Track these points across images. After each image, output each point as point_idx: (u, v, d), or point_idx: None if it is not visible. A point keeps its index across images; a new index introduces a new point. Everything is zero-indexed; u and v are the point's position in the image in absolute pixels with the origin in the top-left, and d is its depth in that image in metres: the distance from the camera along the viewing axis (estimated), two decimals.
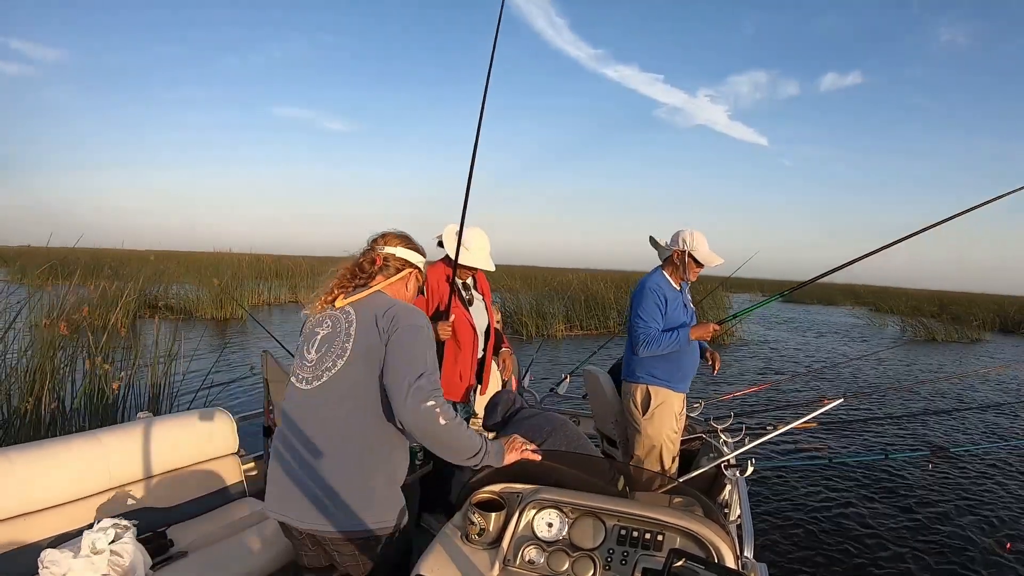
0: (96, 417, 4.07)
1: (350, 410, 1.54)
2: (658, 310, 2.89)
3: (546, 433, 2.27)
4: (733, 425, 3.13)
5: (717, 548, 1.48)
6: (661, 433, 2.95)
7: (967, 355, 14.60)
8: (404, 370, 1.48)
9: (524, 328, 13.57)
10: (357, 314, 1.59)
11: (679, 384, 2.99)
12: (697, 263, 2.96)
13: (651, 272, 3.07)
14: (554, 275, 22.14)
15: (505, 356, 3.31)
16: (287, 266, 21.01)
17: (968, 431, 6.96)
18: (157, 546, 2.01)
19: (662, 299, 2.90)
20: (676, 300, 2.98)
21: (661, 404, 2.95)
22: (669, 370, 2.95)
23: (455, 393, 2.90)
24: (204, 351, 8.11)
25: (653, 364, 2.96)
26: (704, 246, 2.93)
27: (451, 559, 1.55)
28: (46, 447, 2.09)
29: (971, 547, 3.87)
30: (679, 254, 2.96)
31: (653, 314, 2.88)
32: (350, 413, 1.54)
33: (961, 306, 23.14)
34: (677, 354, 2.92)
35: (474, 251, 2.82)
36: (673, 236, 3.01)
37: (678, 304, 2.98)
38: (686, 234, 2.95)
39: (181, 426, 2.52)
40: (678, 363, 2.96)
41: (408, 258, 1.75)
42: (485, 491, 1.75)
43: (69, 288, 5.39)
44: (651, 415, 2.95)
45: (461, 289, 2.91)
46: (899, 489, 4.82)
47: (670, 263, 3.03)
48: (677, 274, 3.02)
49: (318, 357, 1.59)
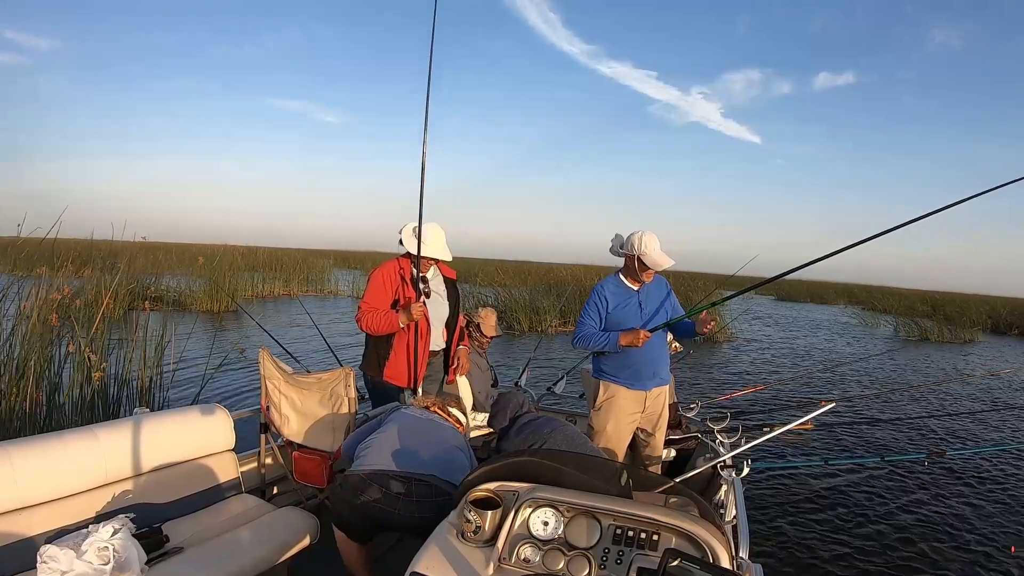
0: (92, 412, 4.05)
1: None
2: (596, 310, 3.07)
3: (545, 435, 2.28)
4: (729, 426, 3.14)
5: (712, 548, 1.48)
6: (605, 427, 3.08)
7: (960, 356, 14.69)
8: None
9: (518, 324, 13.59)
10: None
11: (629, 381, 3.08)
12: (645, 265, 3.01)
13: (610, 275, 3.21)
14: (548, 270, 22.15)
15: (461, 354, 3.45)
16: (280, 258, 20.93)
17: (965, 433, 6.99)
18: (153, 542, 2.00)
19: (603, 301, 3.06)
20: (626, 301, 3.07)
21: (609, 399, 3.10)
22: (615, 367, 3.10)
23: (400, 378, 3.13)
24: (200, 344, 8.09)
25: (602, 360, 3.14)
26: (653, 249, 2.97)
27: (446, 557, 1.55)
28: (42, 442, 2.08)
29: (972, 549, 3.90)
30: (629, 258, 3.05)
31: (590, 313, 3.08)
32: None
33: (954, 306, 23.26)
34: (625, 353, 3.03)
35: (430, 243, 3.09)
36: (627, 239, 3.05)
37: (628, 305, 3.07)
38: (635, 237, 3.00)
39: (177, 422, 2.51)
40: (623, 362, 3.07)
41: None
42: (481, 489, 1.75)
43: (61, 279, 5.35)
44: (599, 408, 3.11)
45: (419, 282, 3.12)
46: (896, 491, 4.85)
47: (625, 266, 3.11)
48: (632, 276, 3.10)
49: None
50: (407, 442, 2.18)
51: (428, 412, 2.41)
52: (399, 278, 3.14)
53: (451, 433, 2.34)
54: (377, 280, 3.18)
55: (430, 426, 2.31)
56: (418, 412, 2.37)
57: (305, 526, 2.39)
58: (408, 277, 3.13)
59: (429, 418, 2.36)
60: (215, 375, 5.38)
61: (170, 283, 13.84)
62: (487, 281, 21.00)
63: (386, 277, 3.16)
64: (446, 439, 2.27)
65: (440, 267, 3.33)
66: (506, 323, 13.34)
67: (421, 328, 3.06)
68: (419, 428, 2.27)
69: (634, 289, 3.08)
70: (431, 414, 2.40)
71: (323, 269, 22.32)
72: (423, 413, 2.38)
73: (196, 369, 5.40)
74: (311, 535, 2.38)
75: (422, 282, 3.17)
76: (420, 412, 2.38)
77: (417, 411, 2.38)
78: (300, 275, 19.96)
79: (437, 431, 2.30)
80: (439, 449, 2.20)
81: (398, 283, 3.14)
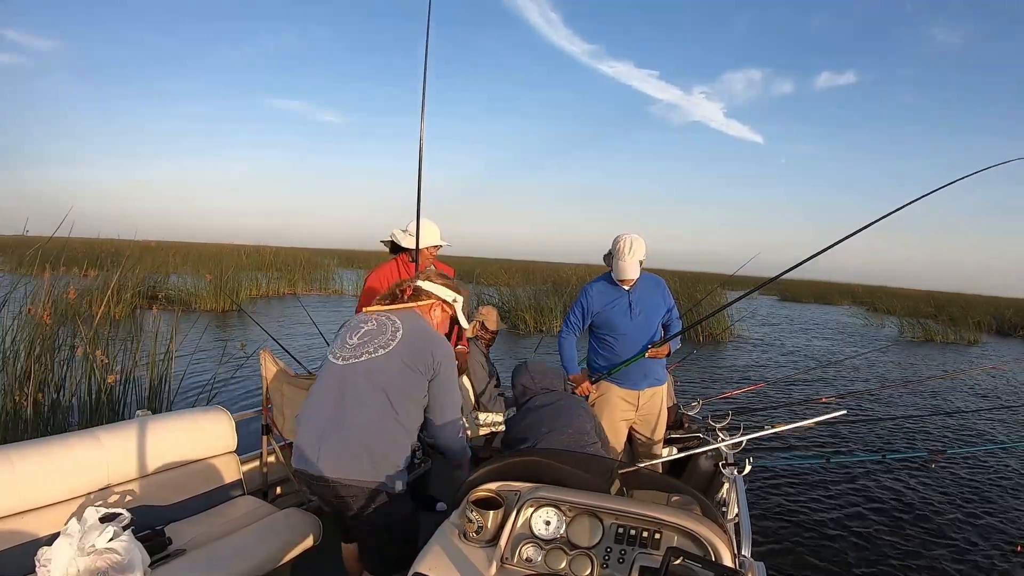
0: (94, 414, 4.06)
1: (383, 387, 1.84)
2: (580, 309, 3.16)
3: (541, 434, 2.28)
4: (731, 424, 3.13)
5: (715, 546, 1.48)
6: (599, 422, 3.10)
7: (964, 356, 14.63)
8: (449, 406, 1.97)
9: (523, 323, 13.60)
10: (403, 324, 1.96)
11: (620, 380, 3.13)
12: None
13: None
14: (553, 270, 22.13)
15: (460, 354, 3.46)
16: (284, 258, 20.97)
17: (967, 432, 6.97)
18: (156, 544, 2.00)
19: (589, 300, 3.13)
20: (615, 302, 3.09)
21: (601, 397, 3.15)
22: (607, 367, 3.14)
23: None
24: (203, 345, 8.10)
25: (595, 360, 3.22)
26: (623, 256, 2.97)
27: (449, 557, 1.55)
28: (44, 445, 2.09)
29: (974, 547, 3.88)
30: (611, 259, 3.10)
31: (575, 312, 3.18)
32: (383, 389, 1.84)
33: (957, 307, 23.14)
34: (614, 354, 3.10)
35: (425, 234, 3.07)
36: (613, 240, 3.06)
37: (617, 305, 3.09)
38: (616, 241, 3.03)
39: (179, 424, 2.52)
40: (613, 362, 3.12)
41: (434, 291, 2.12)
42: (483, 489, 1.75)
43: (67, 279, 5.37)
44: (592, 405, 3.13)
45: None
46: (898, 489, 4.83)
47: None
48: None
49: (360, 343, 1.92)
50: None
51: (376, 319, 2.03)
52: (396, 278, 3.11)
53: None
54: (373, 281, 3.18)
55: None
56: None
57: (307, 527, 2.39)
58: (405, 277, 3.11)
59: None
60: (217, 376, 5.39)
61: (175, 283, 13.88)
62: (491, 281, 21.02)
63: (383, 277, 3.15)
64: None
65: (437, 266, 3.31)
66: (511, 323, 13.34)
67: None
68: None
69: (624, 289, 3.08)
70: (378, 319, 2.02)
71: (328, 268, 22.35)
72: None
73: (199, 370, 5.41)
74: (314, 536, 2.39)
75: None
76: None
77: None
78: (305, 275, 19.98)
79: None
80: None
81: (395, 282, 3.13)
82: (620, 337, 3.08)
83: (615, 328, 3.08)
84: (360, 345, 1.91)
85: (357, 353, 1.90)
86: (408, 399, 1.88)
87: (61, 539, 1.76)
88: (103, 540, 1.78)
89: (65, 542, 1.76)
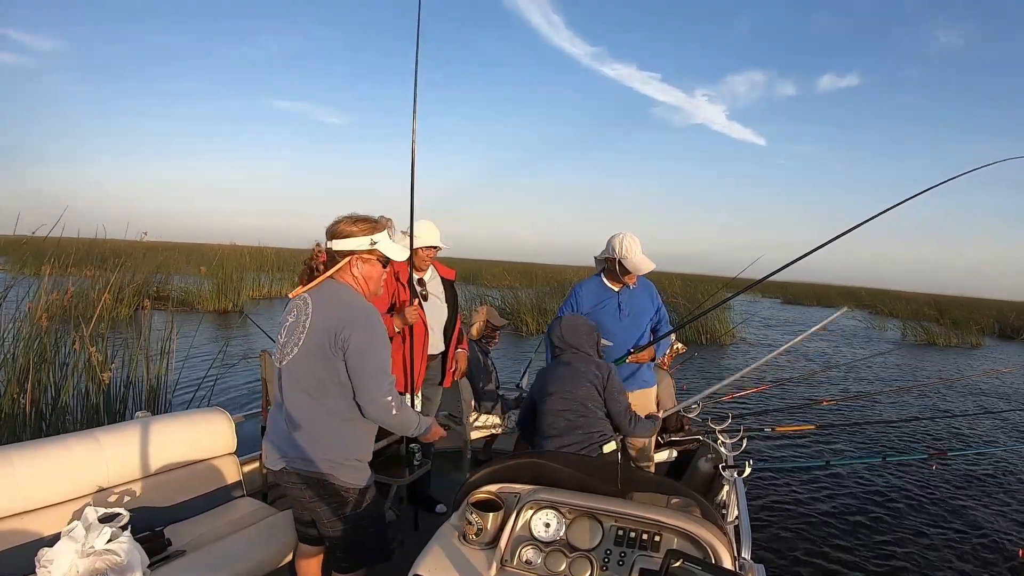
0: (94, 415, 4.05)
1: (304, 388, 1.83)
2: (568, 309, 3.14)
3: (545, 395, 2.31)
4: (731, 426, 3.13)
5: (714, 549, 1.48)
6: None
7: (966, 360, 14.59)
8: (363, 375, 1.79)
9: (524, 325, 13.59)
10: (313, 304, 1.85)
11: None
12: (626, 268, 3.03)
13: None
14: (555, 272, 22.14)
15: (459, 357, 3.43)
16: (286, 258, 20.96)
17: (967, 434, 6.96)
18: (155, 545, 2.00)
19: (578, 299, 3.16)
20: (604, 302, 3.11)
21: None
22: None
23: (397, 384, 3.02)
24: (203, 346, 8.11)
25: None
26: (634, 252, 2.99)
27: (448, 559, 1.55)
28: (44, 446, 2.09)
29: (974, 550, 3.87)
30: (610, 260, 3.08)
31: (564, 311, 3.14)
32: (304, 391, 1.84)
33: (960, 310, 23.10)
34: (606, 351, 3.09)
35: (423, 235, 3.00)
36: (609, 241, 3.08)
37: (606, 306, 3.11)
38: (616, 240, 3.03)
39: (179, 425, 2.52)
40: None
41: (344, 247, 1.89)
42: (483, 491, 1.75)
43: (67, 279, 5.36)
44: None
45: (415, 284, 3.07)
46: (898, 491, 4.82)
47: (608, 269, 3.14)
48: (614, 279, 3.13)
49: (285, 341, 1.88)
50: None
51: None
52: (394, 280, 3.05)
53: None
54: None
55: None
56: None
57: None
58: (404, 278, 3.03)
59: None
60: (218, 377, 5.38)
61: (177, 283, 13.87)
62: (494, 282, 21.02)
63: (386, 282, 3.12)
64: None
65: (438, 267, 3.28)
66: (513, 324, 13.33)
67: (417, 332, 2.95)
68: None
69: (614, 291, 3.11)
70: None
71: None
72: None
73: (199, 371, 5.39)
74: None
75: (418, 284, 3.12)
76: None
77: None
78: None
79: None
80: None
81: (393, 285, 3.04)
82: (608, 337, 3.08)
83: (603, 329, 3.05)
84: (285, 344, 1.88)
85: (284, 354, 1.88)
86: (330, 387, 1.80)
87: (62, 540, 1.76)
88: (102, 541, 1.78)
89: (66, 543, 1.77)
